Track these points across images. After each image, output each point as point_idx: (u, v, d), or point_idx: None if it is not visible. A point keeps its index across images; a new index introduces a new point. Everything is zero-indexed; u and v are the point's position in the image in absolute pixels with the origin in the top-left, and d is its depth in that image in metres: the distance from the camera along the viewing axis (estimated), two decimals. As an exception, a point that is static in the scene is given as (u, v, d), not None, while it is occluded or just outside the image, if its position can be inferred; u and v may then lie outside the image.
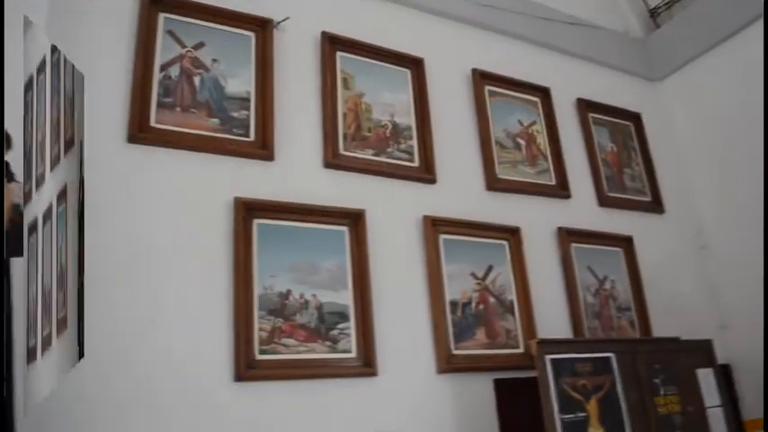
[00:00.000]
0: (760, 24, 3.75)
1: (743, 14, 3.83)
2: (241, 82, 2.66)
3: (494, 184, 3.15)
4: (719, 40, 3.97)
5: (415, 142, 3.00)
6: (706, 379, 2.92)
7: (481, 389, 2.71)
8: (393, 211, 2.82)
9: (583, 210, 3.46)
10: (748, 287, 3.66)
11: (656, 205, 3.81)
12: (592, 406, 2.49)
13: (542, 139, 3.48)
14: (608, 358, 2.63)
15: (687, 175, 4.07)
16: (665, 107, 4.25)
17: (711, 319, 3.69)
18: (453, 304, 2.79)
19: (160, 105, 2.46)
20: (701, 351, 2.99)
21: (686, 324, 3.44)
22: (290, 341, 2.39)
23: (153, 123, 2.41)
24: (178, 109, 2.50)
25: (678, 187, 3.98)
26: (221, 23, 2.71)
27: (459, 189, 3.06)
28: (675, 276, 3.69)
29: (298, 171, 2.66)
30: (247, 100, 2.64)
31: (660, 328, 3.36)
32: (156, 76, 2.49)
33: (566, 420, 2.40)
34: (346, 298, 2.55)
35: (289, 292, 2.44)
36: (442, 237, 2.87)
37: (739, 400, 3.53)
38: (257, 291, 2.38)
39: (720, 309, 3.77)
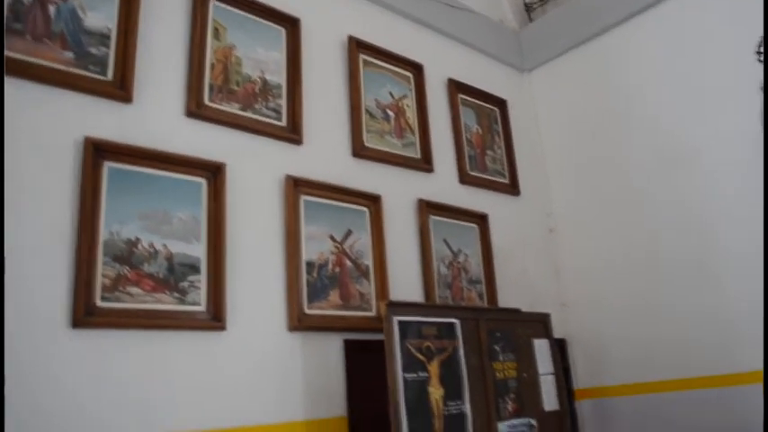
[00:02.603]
0: (625, 27, 4.04)
1: (610, 16, 4.10)
2: (102, 17, 2.50)
3: (360, 151, 3.19)
4: (586, 38, 4.24)
5: (284, 101, 2.98)
6: (542, 349, 3.14)
7: (331, 348, 2.77)
8: (255, 167, 2.78)
9: (444, 185, 3.59)
10: (587, 270, 3.99)
11: (512, 188, 4.03)
12: (434, 367, 2.61)
13: (411, 114, 3.56)
14: (453, 324, 2.76)
15: (543, 162, 4.34)
16: (530, 97, 4.50)
17: (553, 297, 3.96)
18: (309, 265, 2.81)
19: (8, 31, 2.27)
20: (540, 323, 3.21)
21: (531, 300, 3.67)
22: (136, 290, 2.31)
23: (-3, 49, 2.22)
24: (29, 37, 2.31)
25: (534, 173, 4.23)
26: (84, -48, 2.54)
27: (325, 153, 3.07)
28: (524, 255, 3.93)
29: (157, 117, 2.56)
30: (108, 37, 2.49)
31: (506, 303, 3.56)
32: (6, -2, 2.30)
33: (408, 379, 2.49)
34: (199, 251, 2.50)
35: (137, 239, 2.35)
36: (304, 198, 2.88)
37: (571, 370, 3.84)
38: (102, 236, 2.27)
39: (561, 288, 4.06)
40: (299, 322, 2.69)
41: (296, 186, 2.85)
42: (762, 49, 3.26)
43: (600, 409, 3.79)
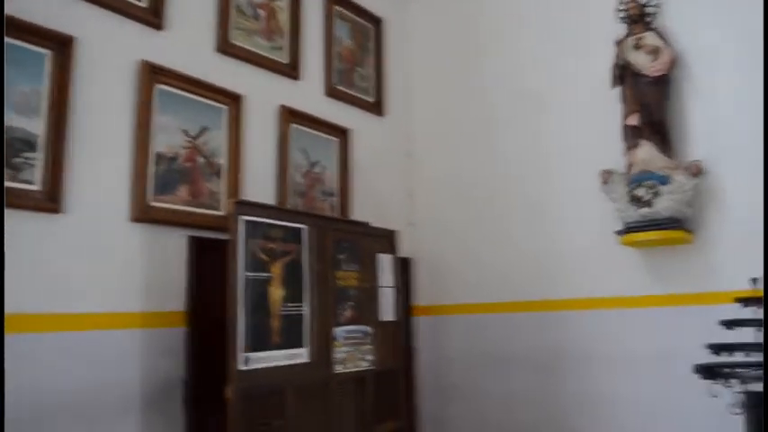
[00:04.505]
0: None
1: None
2: None
3: (224, 46, 3.09)
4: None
5: (146, -19, 2.80)
6: (385, 263, 3.29)
7: (175, 244, 2.75)
8: (109, 47, 2.62)
9: (309, 95, 3.58)
10: (438, 195, 4.19)
11: (377, 107, 4.09)
12: (277, 268, 2.66)
13: (283, 17, 3.47)
14: (300, 229, 2.81)
15: (411, 88, 4.41)
16: (409, 20, 4.50)
17: (404, 217, 4.13)
18: (159, 156, 2.73)
19: None
20: (386, 238, 3.35)
21: (382, 218, 3.78)
22: (-39, 161, 2.15)
23: None
24: None
25: (400, 96, 4.31)
26: None
27: (187, 43, 2.94)
28: (381, 174, 4.05)
29: (-2, -25, 2.32)
30: None
31: (358, 218, 3.67)
32: None
33: (249, 277, 2.53)
34: (37, 127, 2.35)
35: (-33, 107, 2.17)
36: (159, 87, 2.76)
37: (413, 287, 4.07)
38: (-75, 98, 2.07)
39: (413, 209, 4.24)
40: (143, 214, 2.63)
41: (152, 73, 2.73)
42: (624, 7, 3.48)
43: (435, 324, 4.07)
